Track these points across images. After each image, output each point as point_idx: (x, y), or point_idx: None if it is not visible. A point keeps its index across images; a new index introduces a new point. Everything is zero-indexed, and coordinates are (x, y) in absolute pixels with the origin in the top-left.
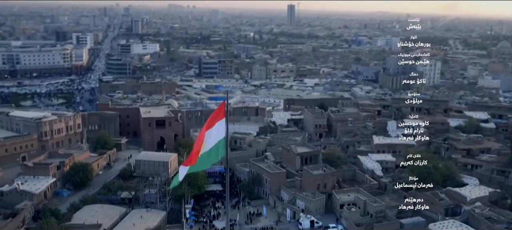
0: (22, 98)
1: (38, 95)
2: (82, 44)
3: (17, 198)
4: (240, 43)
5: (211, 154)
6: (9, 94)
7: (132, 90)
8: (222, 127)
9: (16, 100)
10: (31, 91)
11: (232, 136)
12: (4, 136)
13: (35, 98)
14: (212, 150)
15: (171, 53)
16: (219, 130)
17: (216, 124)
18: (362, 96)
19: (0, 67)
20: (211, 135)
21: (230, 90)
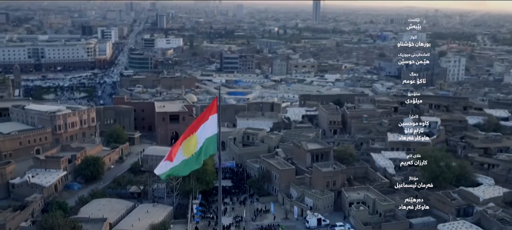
0: (45, 91)
1: (61, 88)
2: (107, 39)
3: (27, 191)
4: (264, 38)
5: (202, 150)
6: (33, 87)
7: (152, 84)
8: (214, 124)
9: (40, 94)
10: (54, 85)
11: (244, 131)
12: (18, 129)
13: (58, 92)
14: (203, 146)
15: (194, 48)
16: (211, 126)
17: (208, 119)
18: (383, 92)
19: (26, 61)
20: (204, 131)
21: (249, 85)
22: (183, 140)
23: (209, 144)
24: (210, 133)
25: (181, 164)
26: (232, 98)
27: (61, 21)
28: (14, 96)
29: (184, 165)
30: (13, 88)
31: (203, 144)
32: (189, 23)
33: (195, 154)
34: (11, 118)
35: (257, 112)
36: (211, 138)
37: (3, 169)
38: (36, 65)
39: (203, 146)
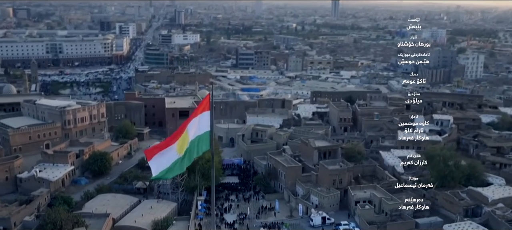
0: (62, 86)
1: (77, 84)
2: (124, 34)
3: (35, 185)
4: (282, 34)
5: (194, 146)
6: (50, 82)
7: (167, 80)
8: (207, 120)
9: (56, 89)
10: (71, 80)
11: (253, 128)
12: (29, 124)
13: (74, 87)
14: (195, 142)
15: (211, 44)
16: (203, 123)
17: (198, 116)
18: (398, 89)
19: (44, 56)
20: (194, 128)
21: (264, 82)
22: (177, 138)
23: (201, 141)
24: (202, 130)
25: (175, 163)
26: (245, 95)
27: (80, 17)
28: (30, 91)
29: (178, 164)
30: (30, 83)
31: (195, 141)
32: (207, 19)
33: (186, 151)
34: (22, 112)
35: (268, 109)
36: (203, 135)
37: (11, 163)
38: (54, 60)
39: (195, 143)
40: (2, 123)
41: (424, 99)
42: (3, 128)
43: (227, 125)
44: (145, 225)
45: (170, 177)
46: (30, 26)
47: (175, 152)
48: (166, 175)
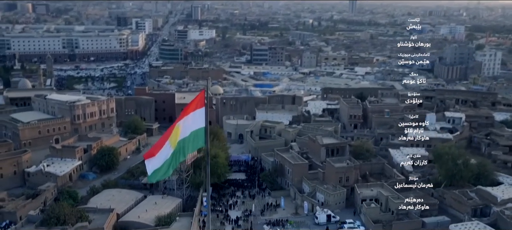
0: (77, 81)
1: (91, 78)
2: (140, 30)
3: (42, 179)
4: (298, 30)
5: (189, 142)
6: (66, 77)
7: (180, 75)
8: (201, 117)
9: (71, 83)
10: (86, 75)
11: (262, 124)
12: (39, 118)
13: (88, 82)
14: (190, 138)
15: (227, 39)
16: (197, 119)
17: (192, 112)
18: (413, 86)
19: (60, 51)
20: (187, 124)
21: (277, 78)
22: (170, 134)
23: (196, 138)
24: (197, 126)
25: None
26: (258, 91)
27: (98, 12)
28: (45, 86)
29: (172, 161)
30: (45, 78)
31: (190, 137)
32: (224, 14)
33: (179, 148)
34: (33, 107)
35: (277, 105)
36: (198, 132)
37: (19, 157)
38: (70, 55)
39: (189, 140)
40: (12, 117)
41: (437, 97)
42: (13, 122)
43: (236, 121)
44: (149, 220)
45: (165, 176)
46: (48, 21)
47: (169, 147)
48: (161, 175)
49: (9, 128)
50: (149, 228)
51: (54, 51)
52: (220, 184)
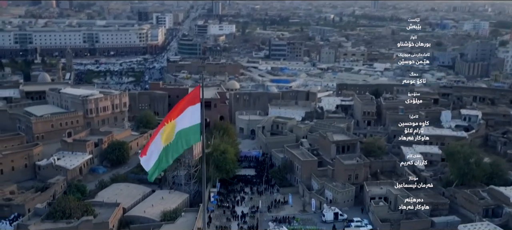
0: (95, 75)
1: (110, 73)
2: (161, 24)
3: (52, 173)
4: (318, 25)
5: (184, 137)
6: (85, 71)
7: (197, 70)
8: (197, 113)
9: (90, 78)
10: (105, 69)
11: (274, 120)
12: (53, 112)
13: (107, 76)
14: (187, 132)
15: (246, 34)
16: (193, 115)
17: (188, 108)
18: (432, 82)
19: (81, 46)
20: (183, 120)
21: (295, 73)
22: (161, 128)
23: (192, 133)
24: (193, 122)
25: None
26: (274, 86)
27: (120, 6)
28: (64, 80)
29: (165, 156)
30: (65, 72)
31: (184, 132)
32: (245, 9)
33: (173, 143)
34: (48, 101)
35: (291, 101)
36: (194, 127)
37: (30, 150)
38: (91, 49)
39: (184, 135)
40: (26, 110)
41: (454, 94)
42: (26, 116)
43: (248, 117)
44: (154, 215)
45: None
46: (71, 15)
47: (161, 143)
48: (157, 172)
49: (23, 121)
50: (154, 223)
51: (75, 46)
52: (228, 179)
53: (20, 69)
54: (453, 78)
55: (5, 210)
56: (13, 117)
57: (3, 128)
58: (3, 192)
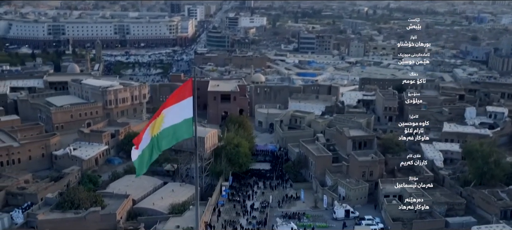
0: (124, 67)
1: (139, 64)
2: (192, 17)
3: (68, 163)
4: (351, 18)
5: (176, 131)
6: (114, 62)
7: (224, 63)
8: (189, 106)
9: (119, 69)
10: (134, 61)
11: (292, 114)
12: (73, 102)
13: (136, 68)
14: (177, 127)
15: (277, 27)
16: (185, 109)
17: (180, 102)
18: (463, 78)
19: (112, 37)
20: (174, 113)
21: (322, 67)
22: (152, 121)
23: (184, 127)
24: (185, 116)
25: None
26: (300, 79)
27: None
28: (93, 71)
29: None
30: (94, 62)
31: (176, 126)
32: (278, 2)
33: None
34: (69, 91)
35: (311, 95)
36: (186, 121)
37: (47, 140)
38: (122, 41)
39: (175, 129)
40: (47, 100)
41: (481, 90)
42: (47, 106)
43: (267, 110)
44: (163, 208)
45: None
46: (106, 7)
47: (148, 136)
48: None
49: (44, 111)
50: (162, 215)
51: (106, 37)
52: (239, 174)
53: (51, 60)
54: (485, 74)
55: (19, 198)
56: (34, 107)
57: (25, 117)
58: (18, 181)
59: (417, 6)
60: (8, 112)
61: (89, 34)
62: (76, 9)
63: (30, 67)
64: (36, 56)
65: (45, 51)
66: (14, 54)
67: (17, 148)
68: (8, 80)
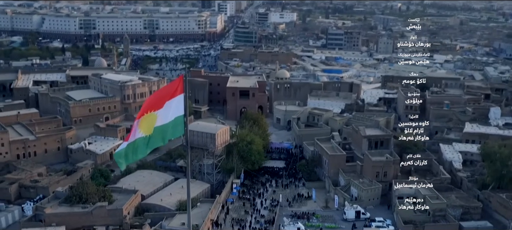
0: (152, 61)
1: (166, 59)
2: (222, 12)
3: (83, 157)
4: (384, 14)
5: (167, 129)
6: (142, 57)
7: (250, 58)
8: (181, 104)
9: (146, 63)
10: (161, 55)
11: (310, 111)
12: (92, 97)
13: (163, 62)
14: (168, 125)
15: (307, 23)
16: (176, 107)
17: (171, 100)
18: (493, 76)
19: (141, 32)
20: (166, 111)
21: (349, 63)
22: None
23: (175, 125)
24: (176, 113)
25: (138, 144)
26: (325, 76)
27: None
28: (120, 65)
29: (144, 145)
30: (122, 57)
31: (168, 125)
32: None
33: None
34: (90, 86)
35: (332, 92)
36: (177, 119)
37: (63, 134)
38: (151, 36)
39: (167, 127)
40: (67, 94)
41: (508, 89)
42: (66, 100)
43: (285, 107)
44: (170, 204)
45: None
46: (138, 2)
47: (138, 132)
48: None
49: (63, 105)
50: (169, 212)
51: (136, 32)
52: (251, 172)
53: (80, 54)
54: None
55: (31, 191)
56: (54, 101)
57: (45, 111)
58: (31, 174)
59: (453, 3)
60: (29, 106)
61: (119, 29)
62: (109, 3)
63: (59, 61)
64: (66, 50)
65: (75, 46)
66: (45, 48)
67: (33, 141)
68: (32, 74)
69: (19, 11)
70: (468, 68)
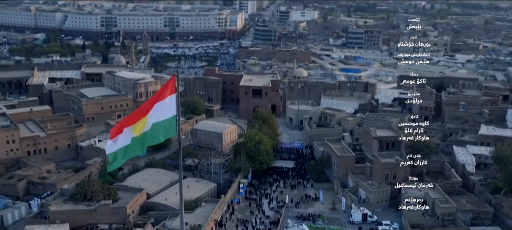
0: (170, 59)
1: (185, 57)
2: (243, 10)
3: (92, 154)
4: (407, 13)
5: (158, 130)
6: (161, 55)
7: (267, 57)
8: (173, 104)
9: (165, 61)
10: (180, 53)
11: (322, 111)
12: (106, 94)
13: (181, 60)
14: (160, 126)
15: (328, 21)
16: (170, 106)
17: (165, 99)
18: None
19: (162, 30)
20: (157, 111)
21: (368, 62)
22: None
23: (168, 125)
24: (169, 114)
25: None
26: (343, 75)
27: None
28: (138, 62)
29: (134, 147)
30: (141, 54)
31: (160, 124)
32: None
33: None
34: (103, 83)
35: (346, 92)
36: (170, 119)
37: (73, 131)
38: (171, 33)
39: (159, 127)
40: (80, 92)
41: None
42: (79, 97)
43: (297, 106)
44: (174, 203)
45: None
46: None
47: (130, 133)
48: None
49: (76, 102)
50: (173, 211)
51: (156, 30)
52: (259, 172)
53: (100, 51)
54: None
55: (39, 188)
56: (68, 98)
57: (59, 108)
58: (40, 171)
59: (478, 2)
60: (43, 103)
61: (139, 27)
62: (131, 1)
63: (79, 58)
64: (86, 48)
65: (95, 43)
66: (66, 45)
67: (44, 137)
68: (48, 71)
69: (43, 8)
70: (490, 69)
